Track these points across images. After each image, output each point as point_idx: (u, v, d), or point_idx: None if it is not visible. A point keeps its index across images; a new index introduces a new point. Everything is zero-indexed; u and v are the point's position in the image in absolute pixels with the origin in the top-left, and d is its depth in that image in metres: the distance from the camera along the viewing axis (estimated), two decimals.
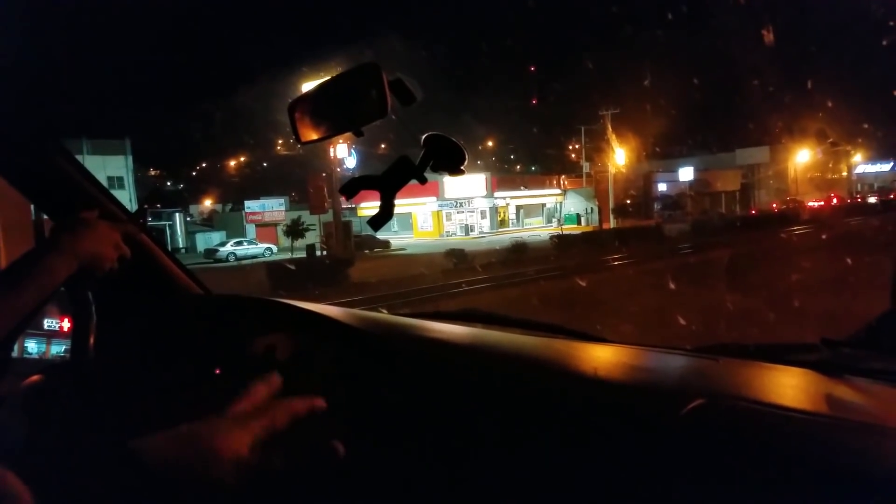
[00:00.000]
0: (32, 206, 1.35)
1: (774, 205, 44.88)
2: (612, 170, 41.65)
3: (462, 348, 1.13)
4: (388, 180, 0.84)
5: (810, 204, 42.44)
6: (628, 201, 43.16)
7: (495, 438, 0.79)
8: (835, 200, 46.00)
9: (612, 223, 39.33)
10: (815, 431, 0.66)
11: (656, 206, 46.60)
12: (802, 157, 50.48)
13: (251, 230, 39.95)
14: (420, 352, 1.06)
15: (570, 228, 36.83)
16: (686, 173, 48.51)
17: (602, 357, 1.08)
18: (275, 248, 34.47)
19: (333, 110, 0.86)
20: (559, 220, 42.71)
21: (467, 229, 41.44)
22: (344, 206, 24.39)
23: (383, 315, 1.47)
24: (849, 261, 11.72)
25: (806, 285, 9.65)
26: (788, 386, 0.88)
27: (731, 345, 1.07)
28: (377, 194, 0.85)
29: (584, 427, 0.73)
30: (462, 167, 0.85)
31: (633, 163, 45.39)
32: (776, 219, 33.11)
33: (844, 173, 55.37)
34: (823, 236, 23.35)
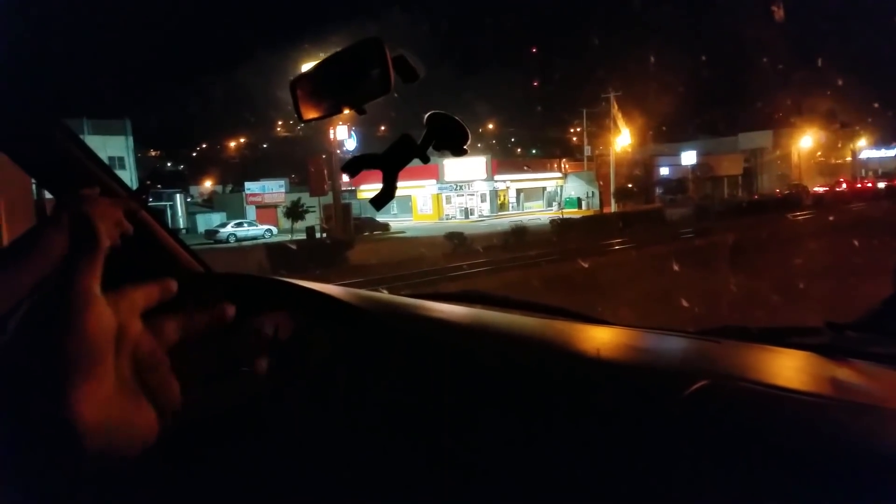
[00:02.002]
0: (34, 184, 1.34)
1: (778, 190, 44.57)
2: (613, 153, 41.48)
3: (462, 328, 1.13)
4: (391, 159, 0.83)
5: (815, 189, 42.09)
6: (630, 185, 42.96)
7: (495, 419, 0.79)
8: (843, 185, 45.27)
9: (613, 207, 39.25)
10: (818, 413, 0.66)
11: (658, 190, 46.45)
12: (806, 141, 50.19)
13: (251, 212, 39.91)
14: (420, 331, 1.05)
15: (571, 212, 36.77)
16: (688, 157, 48.29)
17: (604, 338, 1.08)
18: (275, 230, 34.47)
19: (336, 87, 0.85)
20: (560, 204, 42.62)
21: (467, 212, 41.37)
22: (344, 189, 24.37)
23: (383, 295, 1.47)
24: (855, 243, 11.71)
25: (810, 269, 9.64)
26: (792, 368, 0.88)
27: (734, 327, 1.07)
28: (377, 176, 0.84)
29: (586, 408, 0.73)
30: (465, 147, 0.84)
31: (635, 146, 45.18)
32: (780, 204, 32.90)
33: (849, 158, 55.10)
34: (830, 218, 23.29)
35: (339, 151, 23.12)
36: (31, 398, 0.39)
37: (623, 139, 42.35)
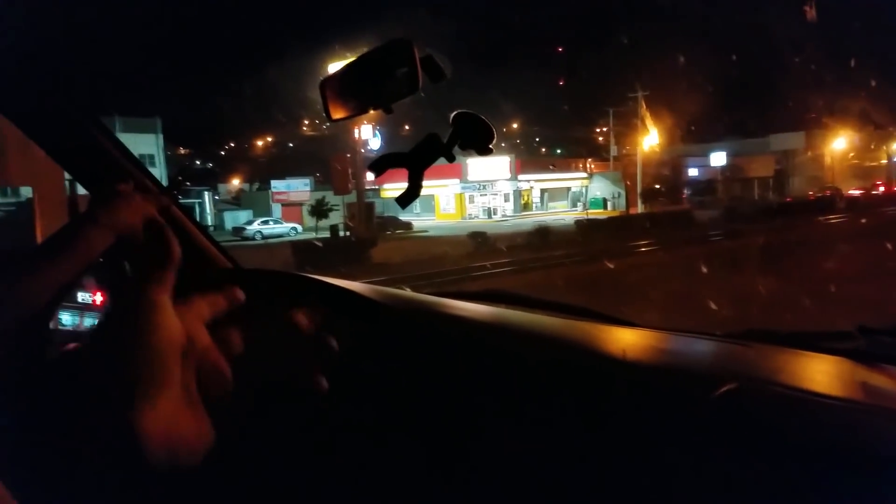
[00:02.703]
0: (67, 179, 1.38)
1: (811, 192, 43.48)
2: (640, 153, 40.99)
3: (485, 327, 1.13)
4: (417, 158, 0.84)
5: (850, 192, 40.95)
6: (657, 186, 42.41)
7: (518, 419, 0.79)
8: (881, 188, 43.70)
9: (640, 208, 38.82)
10: (850, 418, 0.65)
11: (686, 191, 45.79)
12: (839, 143, 49.01)
13: (277, 209, 40.33)
14: (443, 329, 1.06)
15: (596, 213, 36.45)
16: (718, 158, 47.51)
17: (630, 340, 1.07)
18: (300, 228, 34.81)
19: (364, 87, 0.86)
20: (585, 204, 42.29)
21: (490, 212, 41.27)
22: (367, 188, 24.48)
23: (407, 293, 1.48)
24: (888, 247, 11.43)
25: (843, 272, 9.43)
26: (822, 373, 0.87)
27: (763, 331, 1.05)
28: (400, 175, 0.85)
29: (612, 409, 0.73)
30: (490, 146, 0.84)
31: (663, 146, 44.60)
32: (813, 206, 32.09)
33: (884, 161, 53.67)
34: (864, 222, 22.73)
35: (363, 150, 23.25)
36: (98, 409, 0.40)
37: (650, 139, 41.82)
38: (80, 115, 1.37)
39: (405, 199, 0.86)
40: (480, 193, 42.45)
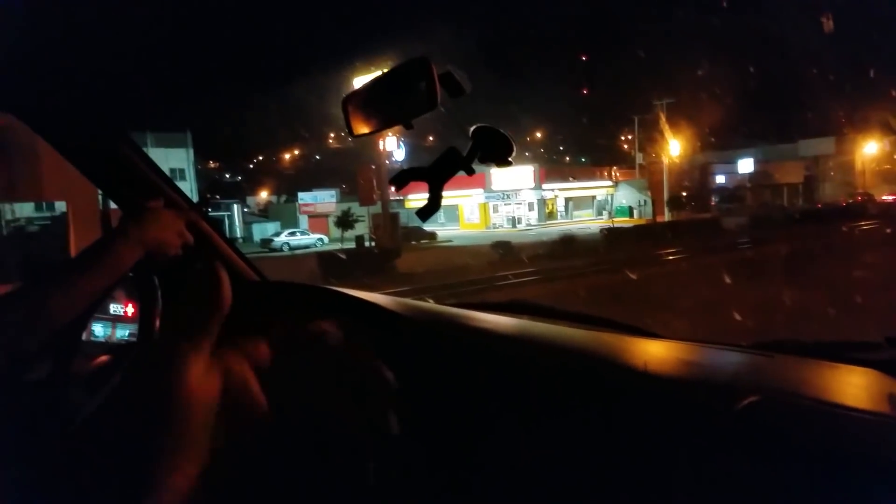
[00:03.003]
0: (100, 194, 1.42)
1: (842, 198, 42.45)
2: (666, 161, 40.56)
3: (508, 339, 1.13)
4: (436, 171, 0.85)
5: (883, 198, 39.87)
6: (684, 193, 41.88)
7: (540, 431, 0.79)
8: None
9: (666, 216, 38.39)
10: (878, 432, 0.64)
11: (714, 198, 45.15)
12: (871, 148, 47.86)
13: (304, 221, 40.81)
14: (466, 341, 1.06)
15: (622, 221, 36.16)
16: (745, 165, 46.77)
17: (652, 351, 1.06)
18: (326, 239, 35.14)
19: (385, 104, 0.87)
20: (610, 213, 41.96)
21: (514, 221, 41.18)
22: (392, 198, 24.63)
23: (430, 304, 1.49)
24: None
25: (873, 282, 9.20)
26: (849, 385, 0.85)
27: (788, 341, 1.04)
28: (424, 186, 0.86)
29: (632, 421, 0.73)
30: (510, 159, 0.85)
31: (689, 154, 44.08)
32: (844, 213, 31.32)
33: None
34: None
35: (388, 162, 23.43)
36: (115, 473, 0.38)
37: (676, 146, 41.37)
38: (111, 134, 1.41)
39: (425, 213, 0.87)
40: (504, 203, 42.40)
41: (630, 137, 46.59)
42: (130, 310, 1.67)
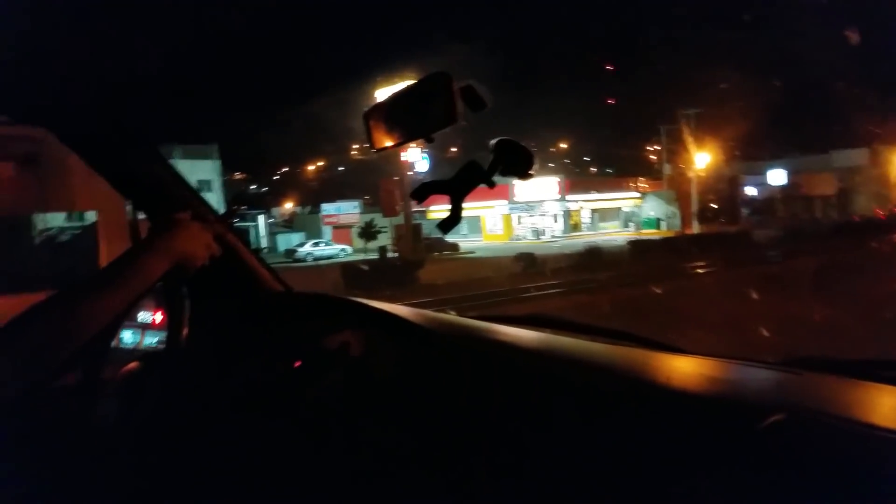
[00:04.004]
0: (129, 206, 1.45)
1: (878, 210, 41.31)
2: (694, 172, 40.06)
3: (529, 352, 1.13)
4: (457, 184, 0.85)
5: None
6: (713, 205, 41.26)
7: (560, 445, 0.79)
8: None
9: (695, 228, 37.89)
10: None
11: (744, 210, 44.42)
12: None
13: (328, 232, 41.17)
14: (487, 354, 1.06)
15: (649, 233, 35.78)
16: (776, 176, 45.94)
17: (676, 367, 1.05)
18: (349, 249, 35.39)
19: (406, 118, 0.88)
20: (637, 225, 41.56)
21: (538, 233, 41.01)
22: (414, 210, 24.72)
23: (451, 317, 1.49)
24: None
25: None
26: (879, 404, 0.83)
27: (816, 358, 1.02)
28: (447, 198, 0.87)
29: (655, 437, 0.72)
30: (531, 171, 0.86)
31: (718, 165, 43.47)
32: (881, 226, 30.43)
33: None
34: None
35: (410, 173, 23.54)
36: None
37: (705, 157, 40.84)
38: (139, 146, 1.45)
39: (446, 225, 0.87)
40: (528, 214, 42.27)
41: (657, 148, 46.11)
42: (159, 317, 1.70)
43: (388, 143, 0.91)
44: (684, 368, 1.03)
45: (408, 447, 0.98)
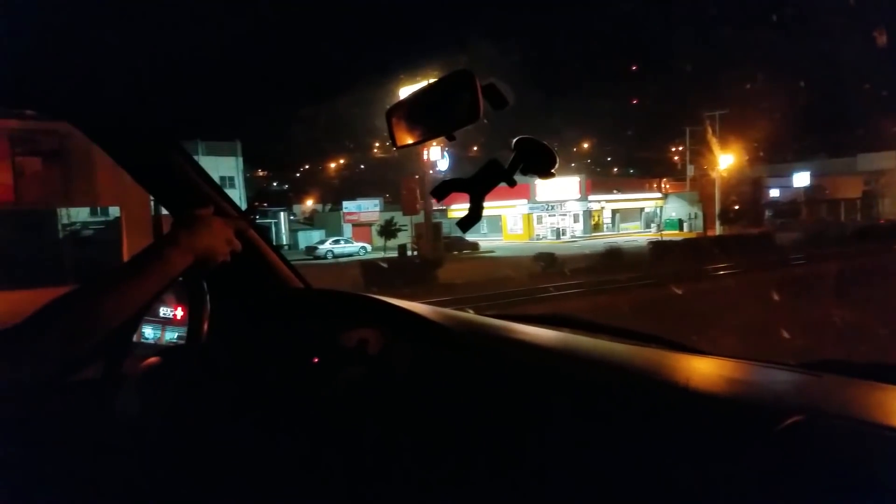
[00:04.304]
0: (152, 200, 1.48)
1: None
2: (718, 174, 39.58)
3: (548, 351, 1.13)
4: (478, 183, 0.86)
5: None
6: (736, 207, 40.73)
7: (577, 446, 0.79)
8: None
9: (717, 230, 37.44)
10: None
11: (767, 212, 43.78)
12: None
13: (348, 229, 41.37)
14: (506, 353, 1.06)
15: (672, 234, 35.40)
16: (801, 179, 45.22)
17: (695, 368, 1.04)
18: (369, 247, 35.53)
19: (428, 116, 0.89)
20: (659, 226, 41.15)
21: (559, 233, 40.77)
22: (435, 208, 24.73)
23: (470, 315, 1.49)
24: None
25: None
26: None
27: (837, 361, 1.00)
28: (467, 197, 0.87)
29: (673, 439, 0.72)
30: (552, 170, 0.85)
31: (741, 166, 42.88)
32: None
33: None
34: None
35: (431, 172, 23.55)
36: None
37: (728, 159, 40.31)
38: (163, 142, 1.47)
39: (466, 224, 0.88)
40: (549, 214, 42.05)
41: (681, 149, 45.62)
42: (180, 313, 1.72)
43: (410, 140, 0.92)
44: (704, 369, 1.02)
45: (424, 444, 0.99)
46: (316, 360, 1.28)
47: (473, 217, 0.86)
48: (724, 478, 0.63)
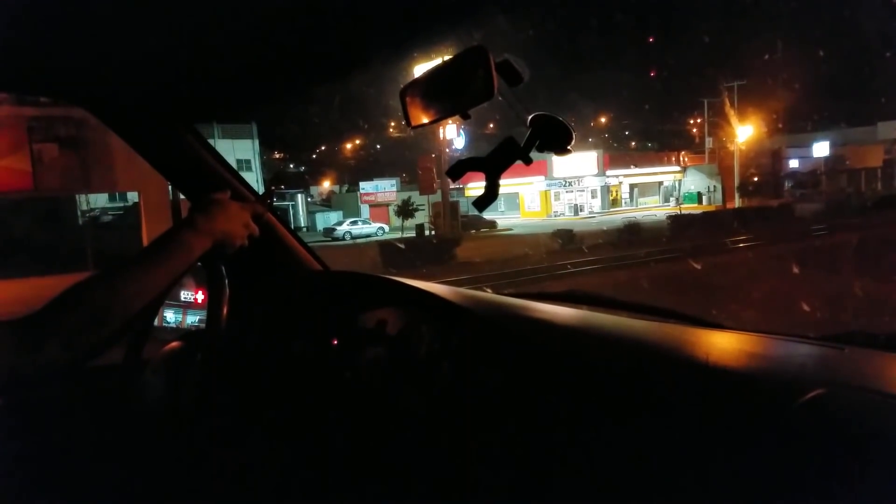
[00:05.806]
0: (170, 187, 1.49)
1: None
2: (736, 145, 38.91)
3: (566, 329, 1.12)
4: (494, 161, 0.85)
5: None
6: (755, 179, 40.09)
7: (597, 423, 0.79)
8: None
9: (736, 202, 36.93)
10: None
11: (787, 183, 43.05)
12: None
13: (365, 210, 41.44)
14: (524, 331, 1.06)
15: (690, 208, 34.98)
16: (821, 148, 44.26)
17: (716, 343, 1.03)
18: (387, 228, 35.60)
19: (442, 94, 0.88)
20: (677, 199, 40.67)
21: (577, 209, 40.46)
22: (452, 187, 24.66)
23: (488, 294, 1.49)
24: None
25: None
26: None
27: (859, 333, 0.99)
28: (484, 175, 0.86)
29: (691, 415, 0.71)
30: (569, 147, 0.84)
31: (760, 137, 42.10)
32: None
33: None
34: None
35: (448, 150, 23.45)
36: None
37: (747, 130, 39.58)
38: (179, 127, 1.47)
39: (482, 203, 0.87)
40: (566, 190, 41.70)
41: (699, 121, 44.86)
42: (200, 296, 1.74)
43: (425, 119, 0.91)
44: (724, 344, 1.02)
45: (444, 423, 0.99)
46: (335, 341, 1.30)
47: (489, 196, 0.86)
48: (746, 452, 0.62)
